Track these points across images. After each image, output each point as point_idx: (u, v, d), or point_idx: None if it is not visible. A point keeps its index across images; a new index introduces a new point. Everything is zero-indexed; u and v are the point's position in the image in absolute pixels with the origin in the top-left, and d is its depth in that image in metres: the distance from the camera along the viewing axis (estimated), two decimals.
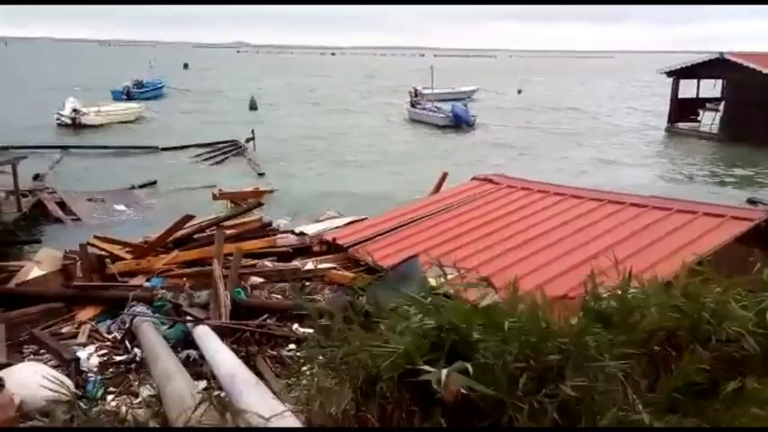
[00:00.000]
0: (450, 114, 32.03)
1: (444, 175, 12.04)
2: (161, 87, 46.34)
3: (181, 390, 3.51)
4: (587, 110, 42.23)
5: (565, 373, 2.63)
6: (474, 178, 10.87)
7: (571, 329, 2.84)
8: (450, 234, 8.73)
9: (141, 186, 16.31)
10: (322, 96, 48.34)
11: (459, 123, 31.86)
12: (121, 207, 13.94)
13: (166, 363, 4.31)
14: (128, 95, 39.82)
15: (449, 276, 7.44)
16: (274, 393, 3.91)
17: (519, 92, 54.89)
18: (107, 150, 22.26)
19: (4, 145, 19.74)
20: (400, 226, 9.39)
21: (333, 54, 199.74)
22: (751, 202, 15.78)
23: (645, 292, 3.55)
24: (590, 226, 7.96)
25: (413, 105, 35.83)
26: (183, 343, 6.06)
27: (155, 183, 16.95)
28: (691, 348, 2.92)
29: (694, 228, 7.19)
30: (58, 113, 28.26)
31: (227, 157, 21.47)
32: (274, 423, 2.83)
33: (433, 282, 6.92)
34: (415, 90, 37.55)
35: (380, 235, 9.17)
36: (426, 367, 2.61)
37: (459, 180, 11.97)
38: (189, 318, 6.48)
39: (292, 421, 3.06)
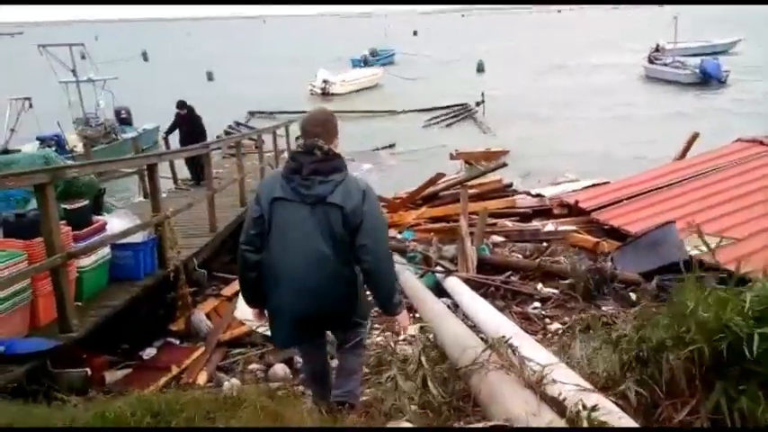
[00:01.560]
0: (697, 70, 28.52)
1: (694, 136, 10.97)
2: (393, 55, 48.85)
3: (458, 331, 3.85)
4: None
5: None
6: (739, 140, 9.72)
7: None
8: (710, 201, 8.00)
9: (383, 148, 17.60)
10: (548, 56, 46.50)
11: (708, 80, 28.24)
12: (368, 166, 15.28)
13: (436, 305, 4.73)
14: (365, 63, 42.87)
15: (711, 246, 6.87)
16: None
17: None
18: (354, 114, 24.34)
19: (272, 110, 23.73)
20: (649, 191, 8.86)
21: (559, 12, 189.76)
22: None
23: None
24: None
25: (651, 61, 32.52)
26: (435, 292, 6.51)
27: (394, 145, 18.17)
28: None
29: None
30: (311, 85, 31.51)
31: (458, 120, 22.01)
32: (553, 371, 2.97)
33: (692, 251, 6.50)
34: (657, 46, 33.74)
35: (626, 199, 8.76)
36: None
37: (708, 144, 10.85)
38: (440, 269, 6.98)
39: (567, 372, 3.18)
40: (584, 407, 2.49)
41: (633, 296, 6.41)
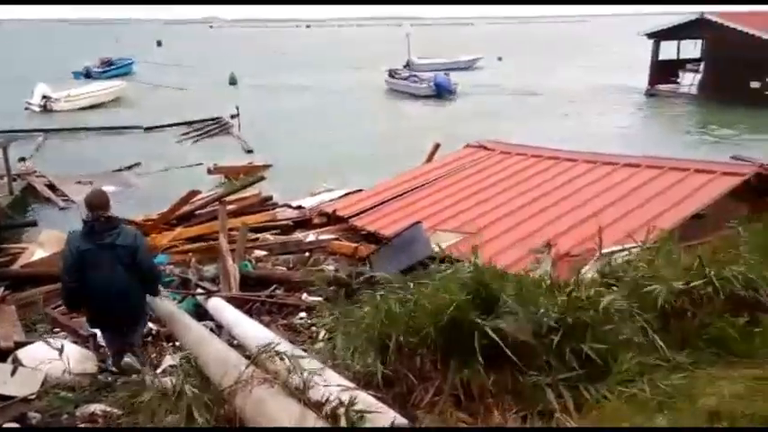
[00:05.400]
0: (432, 84, 31.88)
1: (437, 146, 12.13)
2: (130, 65, 44.26)
3: (223, 352, 3.64)
4: (558, 74, 41.50)
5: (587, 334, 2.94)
6: (468, 145, 10.99)
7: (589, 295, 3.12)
8: (448, 202, 8.90)
9: (126, 168, 16.13)
10: (300, 71, 47.68)
11: (442, 93, 31.75)
12: (111, 188, 13.77)
13: (199, 330, 4.43)
14: (87, 75, 38.05)
15: (452, 241, 7.64)
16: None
17: (499, 59, 54.67)
18: (89, 132, 21.93)
19: None
20: (397, 196, 9.53)
21: (308, 26, 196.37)
22: (735, 158, 16.02)
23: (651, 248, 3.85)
24: (586, 187, 8.17)
25: (391, 76, 35.44)
26: (195, 316, 6.14)
27: (138, 164, 16.72)
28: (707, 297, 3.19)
29: (687, 184, 7.41)
30: (27, 102, 27.03)
31: (212, 135, 21.28)
32: (322, 375, 2.99)
33: (436, 247, 7.14)
34: (408, 61, 36.56)
35: (379, 205, 9.30)
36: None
37: (442, 148, 12.11)
38: (201, 291, 6.61)
39: (332, 375, 3.20)
40: (342, 403, 2.54)
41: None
